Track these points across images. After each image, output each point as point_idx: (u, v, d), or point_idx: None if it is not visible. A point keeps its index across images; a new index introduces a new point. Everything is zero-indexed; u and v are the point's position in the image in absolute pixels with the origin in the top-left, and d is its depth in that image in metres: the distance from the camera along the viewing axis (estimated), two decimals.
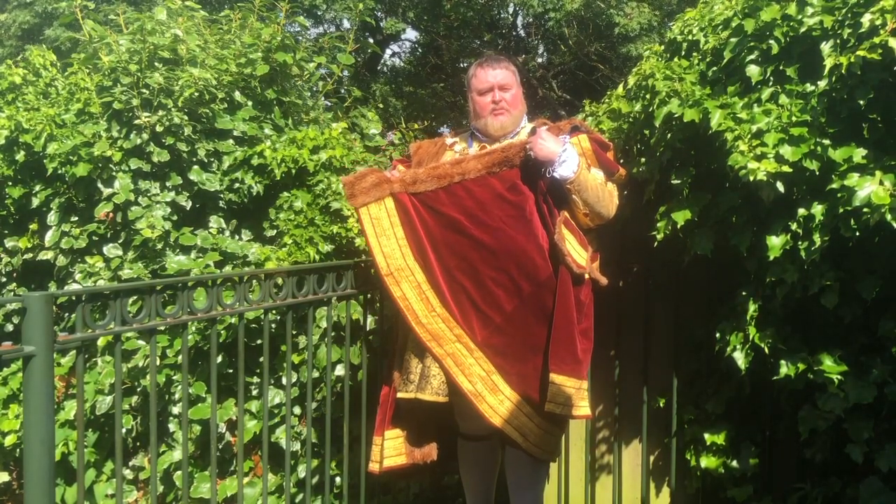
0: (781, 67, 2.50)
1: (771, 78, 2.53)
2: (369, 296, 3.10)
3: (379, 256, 2.62)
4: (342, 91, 4.89)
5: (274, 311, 3.02)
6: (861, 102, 2.24)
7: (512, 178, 2.65)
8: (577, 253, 2.64)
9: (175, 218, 3.49)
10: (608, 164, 2.71)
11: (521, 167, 2.64)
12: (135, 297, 2.32)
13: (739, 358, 2.59)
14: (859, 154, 2.26)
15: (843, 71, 2.23)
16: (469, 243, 2.62)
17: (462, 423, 2.86)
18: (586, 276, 2.67)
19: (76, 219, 3.54)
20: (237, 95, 3.70)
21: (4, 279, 3.73)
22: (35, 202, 3.60)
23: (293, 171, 3.47)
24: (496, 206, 2.63)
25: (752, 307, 2.56)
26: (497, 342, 2.62)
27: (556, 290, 2.61)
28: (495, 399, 2.61)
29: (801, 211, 2.35)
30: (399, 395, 2.70)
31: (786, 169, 2.28)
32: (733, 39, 2.59)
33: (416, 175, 2.68)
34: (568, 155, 2.57)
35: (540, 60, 12.31)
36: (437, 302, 2.62)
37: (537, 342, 2.63)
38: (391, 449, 2.76)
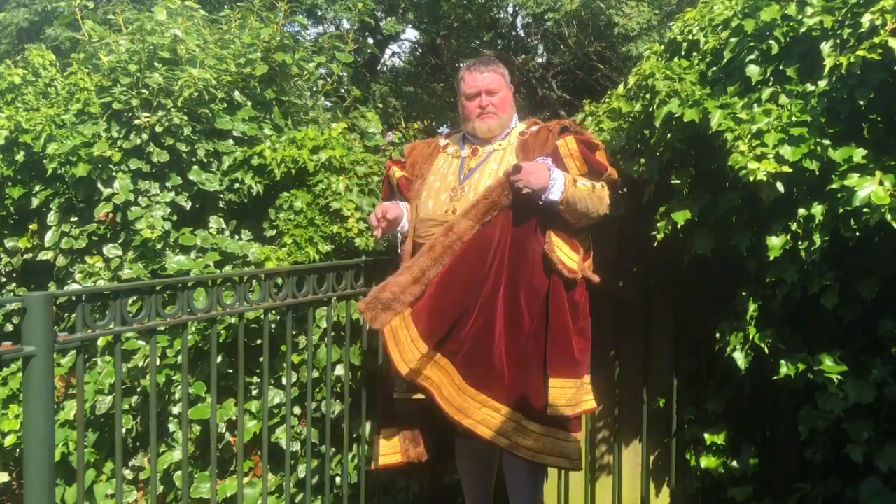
0: (781, 67, 2.50)
1: (771, 78, 2.53)
2: None
3: (401, 365, 2.61)
4: (342, 91, 4.88)
5: (274, 311, 3.02)
6: (861, 102, 2.24)
7: (505, 220, 2.65)
8: (569, 258, 2.66)
9: (175, 218, 3.49)
10: (596, 165, 2.70)
11: (511, 205, 2.63)
12: (135, 297, 2.32)
13: (739, 358, 2.59)
14: (859, 154, 2.26)
15: (843, 71, 2.23)
16: (475, 291, 2.63)
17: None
18: (579, 277, 2.68)
19: (76, 219, 3.54)
20: (237, 95, 3.70)
21: (4, 279, 3.73)
22: (35, 202, 3.60)
23: (293, 171, 3.47)
24: (499, 252, 2.64)
25: (752, 307, 2.56)
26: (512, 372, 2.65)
27: (549, 295, 2.64)
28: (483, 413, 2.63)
29: (801, 211, 2.35)
30: (395, 395, 2.71)
31: (786, 169, 2.28)
32: (733, 39, 2.60)
33: (422, 269, 2.64)
34: (555, 177, 2.57)
35: (540, 60, 12.31)
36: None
37: (537, 349, 2.65)
38: (386, 447, 2.78)
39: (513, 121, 2.87)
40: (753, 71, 2.53)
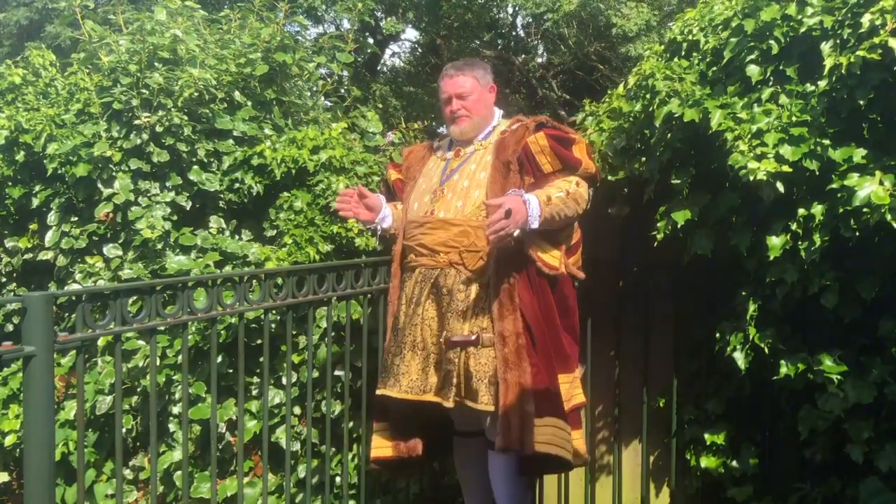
0: (781, 67, 2.50)
1: (771, 78, 2.53)
2: (369, 296, 3.10)
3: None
4: (342, 91, 4.88)
5: (274, 311, 3.02)
6: (861, 102, 2.24)
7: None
8: (549, 255, 2.63)
9: (175, 218, 3.49)
10: (568, 160, 2.64)
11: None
12: (135, 297, 2.32)
13: (739, 358, 2.59)
14: (859, 154, 2.26)
15: (843, 71, 2.23)
16: None
17: (456, 420, 2.87)
18: (563, 273, 2.66)
19: (76, 219, 3.54)
20: (237, 95, 3.70)
21: (4, 279, 3.73)
22: (35, 202, 3.60)
23: (293, 171, 3.47)
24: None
25: (752, 307, 2.56)
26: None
27: (535, 293, 2.62)
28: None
29: (801, 211, 2.35)
30: (377, 390, 2.75)
31: (786, 169, 2.28)
32: (733, 39, 2.60)
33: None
34: (531, 206, 2.46)
35: (540, 60, 12.31)
36: None
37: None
38: (377, 440, 2.80)
39: (495, 119, 2.85)
40: (753, 71, 2.53)
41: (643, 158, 2.85)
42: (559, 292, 2.67)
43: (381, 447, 2.79)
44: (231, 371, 3.22)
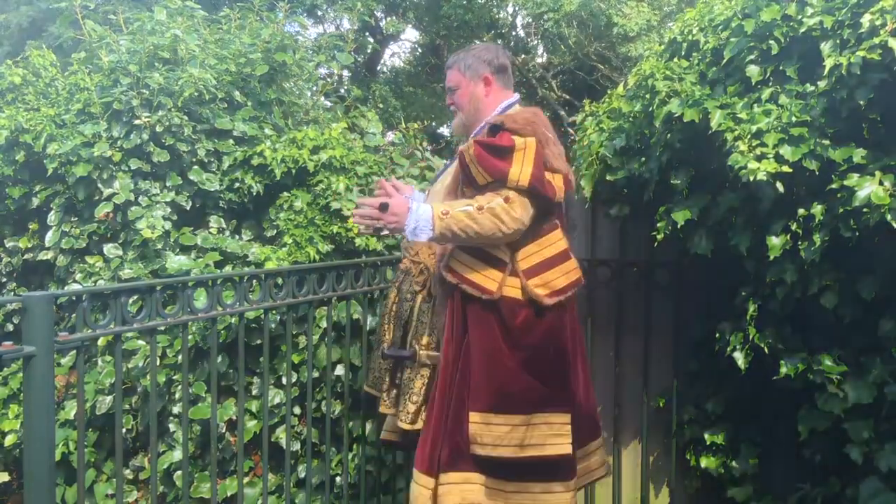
0: (781, 67, 2.49)
1: (771, 78, 2.52)
2: (369, 296, 3.10)
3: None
4: (342, 91, 4.88)
5: (274, 311, 3.02)
6: (861, 102, 2.24)
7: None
8: (481, 275, 2.30)
9: (175, 218, 3.49)
10: (494, 172, 2.27)
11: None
12: (135, 297, 2.32)
13: (739, 358, 2.59)
14: (859, 154, 2.26)
15: (843, 71, 2.23)
16: None
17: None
18: (504, 297, 2.29)
19: (76, 219, 3.54)
20: (237, 95, 3.70)
21: (4, 279, 3.73)
22: (35, 202, 3.60)
23: (293, 171, 3.47)
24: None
25: (752, 307, 2.56)
26: None
27: (469, 319, 2.31)
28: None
29: (801, 211, 2.35)
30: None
31: (786, 169, 2.27)
32: (733, 39, 2.59)
33: None
34: (415, 216, 2.27)
35: (540, 60, 12.31)
36: None
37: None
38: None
39: (491, 113, 2.49)
40: (753, 71, 2.52)
41: (643, 158, 2.84)
42: (506, 320, 2.29)
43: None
44: (231, 371, 3.22)
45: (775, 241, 2.39)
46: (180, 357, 2.84)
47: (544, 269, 2.34)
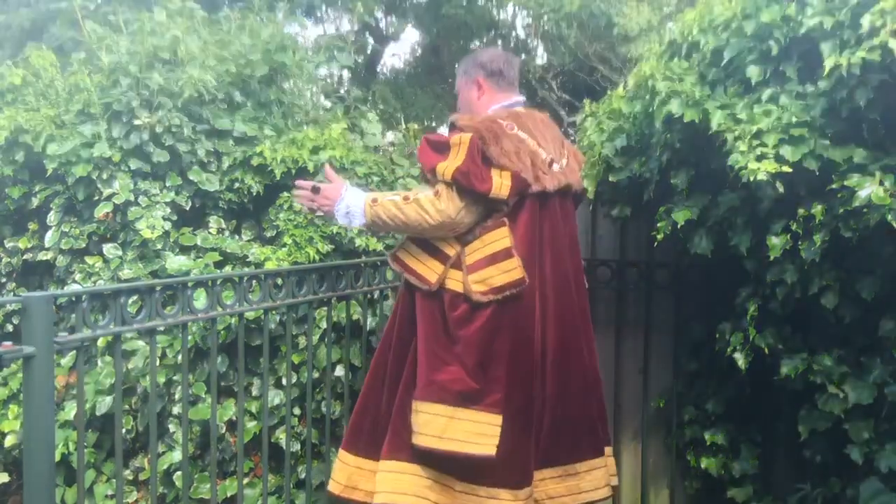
0: (781, 68, 2.50)
1: (771, 78, 2.53)
2: (369, 296, 3.10)
3: None
4: (342, 91, 4.89)
5: (274, 312, 3.02)
6: (861, 103, 2.24)
7: None
8: (423, 266, 2.39)
9: (175, 218, 3.49)
10: (426, 165, 2.39)
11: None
12: (135, 297, 2.32)
13: (739, 358, 2.59)
14: (859, 154, 2.26)
15: (843, 71, 2.23)
16: None
17: None
18: (444, 290, 2.37)
19: (76, 219, 3.54)
20: (237, 96, 3.70)
21: (4, 279, 3.73)
22: (35, 202, 3.60)
23: (293, 171, 3.47)
24: None
25: (752, 307, 2.56)
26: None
27: (417, 307, 2.40)
28: None
29: (801, 211, 2.35)
30: None
31: (786, 169, 2.27)
32: (733, 40, 2.59)
33: None
34: (349, 204, 2.39)
35: (540, 62, 12.31)
36: None
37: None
38: None
39: (482, 115, 2.52)
40: (753, 71, 2.52)
41: (643, 158, 2.84)
42: (447, 311, 2.35)
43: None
44: (231, 371, 3.22)
45: (775, 241, 2.39)
46: (180, 357, 2.84)
47: (484, 265, 2.36)
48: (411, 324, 2.42)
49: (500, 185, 2.34)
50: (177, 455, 3.16)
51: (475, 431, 2.28)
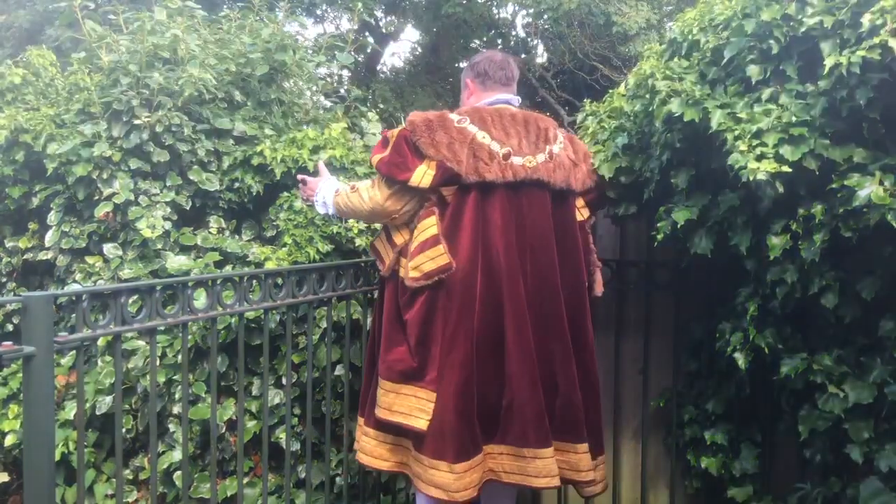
0: (781, 67, 2.49)
1: (771, 78, 2.52)
2: (369, 296, 3.10)
3: None
4: (342, 91, 4.88)
5: (274, 311, 3.02)
6: (861, 102, 2.23)
7: None
8: (384, 250, 2.62)
9: (175, 218, 3.49)
10: (371, 159, 2.63)
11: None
12: (135, 297, 2.32)
13: (739, 358, 2.59)
14: (859, 154, 2.26)
15: (843, 71, 2.23)
16: None
17: None
18: (397, 275, 2.54)
19: (76, 219, 3.54)
20: (237, 95, 3.70)
21: (4, 279, 3.73)
22: (35, 202, 3.60)
23: (293, 170, 3.47)
24: None
25: (752, 307, 2.56)
26: None
27: (386, 289, 2.64)
28: None
29: (801, 211, 2.35)
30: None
31: (786, 169, 2.27)
32: (733, 39, 2.59)
33: None
34: (324, 195, 2.72)
35: (540, 61, 12.30)
36: None
37: None
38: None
39: None
40: (753, 71, 2.52)
41: (643, 158, 2.84)
42: (399, 296, 2.53)
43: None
44: (231, 371, 3.22)
45: (775, 241, 2.39)
46: (180, 357, 2.84)
47: (417, 252, 2.50)
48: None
49: (423, 174, 2.46)
50: (177, 454, 3.16)
51: (415, 406, 2.46)
